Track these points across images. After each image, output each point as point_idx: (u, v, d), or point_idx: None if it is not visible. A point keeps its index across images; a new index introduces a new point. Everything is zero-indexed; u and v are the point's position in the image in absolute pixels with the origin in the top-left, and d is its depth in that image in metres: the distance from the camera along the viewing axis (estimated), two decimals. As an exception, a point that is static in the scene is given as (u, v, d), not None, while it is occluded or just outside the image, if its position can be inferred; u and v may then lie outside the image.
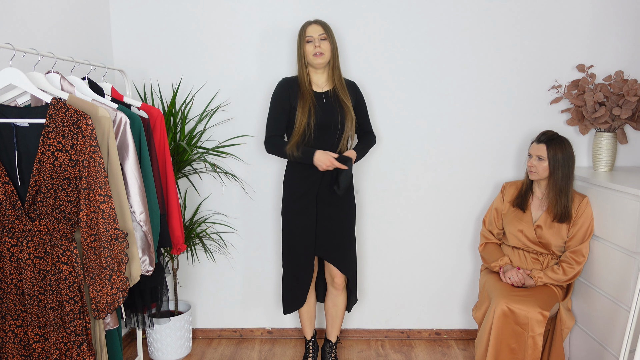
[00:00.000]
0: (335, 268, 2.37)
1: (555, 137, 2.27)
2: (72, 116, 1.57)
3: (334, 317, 2.51)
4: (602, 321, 2.21)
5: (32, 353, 1.64)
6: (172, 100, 2.57)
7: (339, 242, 2.35)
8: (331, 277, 2.42)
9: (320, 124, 2.25)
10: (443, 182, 2.78)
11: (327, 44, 2.25)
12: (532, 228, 2.34)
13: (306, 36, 2.25)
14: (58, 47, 2.23)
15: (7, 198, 1.56)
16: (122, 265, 1.64)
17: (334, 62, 2.30)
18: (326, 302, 2.53)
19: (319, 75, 2.32)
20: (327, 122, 2.27)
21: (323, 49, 2.23)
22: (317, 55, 2.22)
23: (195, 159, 2.60)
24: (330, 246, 2.34)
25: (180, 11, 2.69)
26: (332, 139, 2.29)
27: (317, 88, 2.32)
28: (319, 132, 2.26)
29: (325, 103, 2.29)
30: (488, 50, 2.67)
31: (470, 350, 2.78)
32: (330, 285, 2.46)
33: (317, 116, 2.25)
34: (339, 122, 2.28)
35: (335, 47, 2.29)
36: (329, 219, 2.33)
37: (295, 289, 2.41)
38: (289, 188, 2.36)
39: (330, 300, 2.49)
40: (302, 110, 2.24)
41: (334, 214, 2.34)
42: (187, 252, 2.83)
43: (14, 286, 1.61)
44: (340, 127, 2.29)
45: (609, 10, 2.61)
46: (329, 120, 2.27)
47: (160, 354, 2.65)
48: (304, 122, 2.23)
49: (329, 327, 2.55)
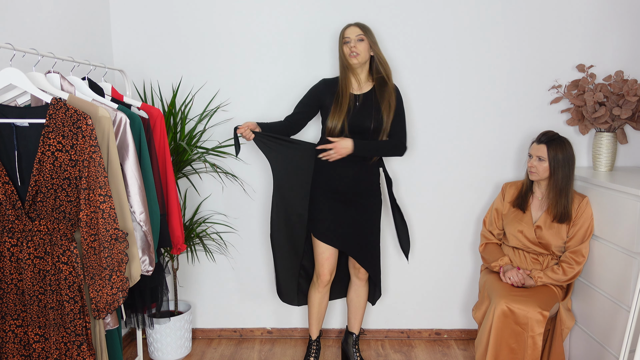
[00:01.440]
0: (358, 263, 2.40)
1: (556, 138, 2.27)
2: (72, 116, 1.57)
3: (357, 307, 2.53)
4: (602, 321, 2.21)
5: (32, 353, 1.64)
6: (172, 100, 2.57)
7: (364, 238, 2.36)
8: (355, 268, 2.44)
9: (350, 127, 2.26)
10: (443, 182, 2.78)
11: (364, 45, 2.26)
12: (532, 228, 2.34)
13: (344, 37, 2.28)
14: (58, 47, 2.23)
15: (7, 198, 1.56)
16: (122, 265, 1.64)
17: (375, 61, 2.30)
18: (349, 294, 2.55)
19: (358, 76, 2.32)
20: (356, 126, 2.27)
21: (359, 50, 2.24)
22: (353, 56, 2.25)
23: (195, 159, 2.60)
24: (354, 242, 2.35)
25: (180, 11, 2.69)
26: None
27: (355, 90, 2.33)
28: (351, 136, 2.26)
29: (358, 106, 2.30)
30: (488, 50, 2.67)
31: (470, 350, 2.78)
32: (354, 277, 2.49)
33: (348, 118, 2.26)
34: (369, 125, 2.27)
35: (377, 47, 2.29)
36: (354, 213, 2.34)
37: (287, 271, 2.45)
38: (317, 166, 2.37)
39: (354, 292, 2.52)
40: (336, 113, 2.26)
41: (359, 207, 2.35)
42: (187, 252, 2.83)
43: (14, 286, 1.61)
44: (373, 131, 2.28)
45: (609, 10, 2.61)
46: (357, 123, 2.27)
47: (160, 354, 2.65)
48: (334, 124, 2.25)
49: (351, 319, 2.58)
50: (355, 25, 2.28)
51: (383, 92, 2.30)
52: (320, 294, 2.46)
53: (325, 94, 2.33)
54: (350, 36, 2.26)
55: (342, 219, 2.33)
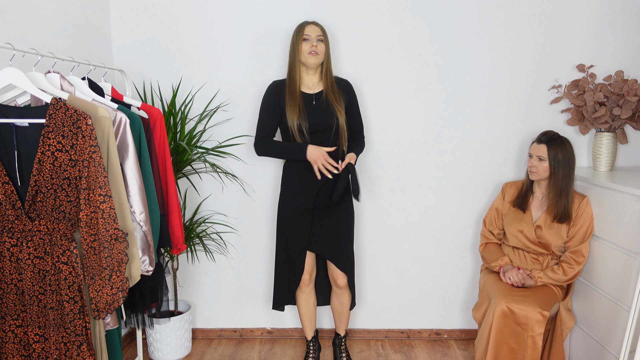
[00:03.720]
0: (336, 269, 2.38)
1: (556, 138, 2.27)
2: (72, 116, 1.57)
3: (340, 314, 2.55)
4: (602, 321, 2.21)
5: (32, 353, 1.64)
6: (172, 100, 2.57)
7: (336, 240, 2.36)
8: (334, 278, 2.43)
9: (312, 127, 2.25)
10: (443, 182, 2.78)
11: (323, 46, 2.26)
12: (532, 228, 2.34)
13: (304, 34, 2.25)
14: (58, 47, 2.23)
15: (7, 198, 1.56)
16: (122, 265, 1.64)
17: (327, 65, 2.30)
18: (332, 301, 2.56)
19: (310, 76, 2.32)
20: (319, 125, 2.26)
21: (319, 50, 2.24)
22: (313, 54, 2.23)
23: (195, 159, 2.60)
24: (326, 244, 2.35)
25: (181, 11, 2.69)
26: (326, 143, 2.28)
27: (307, 89, 2.32)
28: (313, 136, 2.25)
29: (315, 105, 2.29)
30: (488, 50, 2.67)
31: (470, 350, 2.78)
32: (334, 286, 2.48)
33: (309, 117, 2.24)
34: (333, 124, 2.26)
35: (329, 50, 2.30)
36: (327, 217, 2.34)
37: (284, 285, 2.43)
38: (286, 185, 2.37)
39: (336, 299, 2.52)
40: (291, 111, 2.24)
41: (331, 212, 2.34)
42: (187, 252, 2.83)
43: (13, 286, 1.61)
44: (335, 130, 2.28)
45: (609, 10, 2.61)
46: (320, 122, 2.26)
47: (160, 354, 2.65)
48: (295, 123, 2.23)
49: (337, 323, 2.60)
50: (315, 25, 2.27)
51: (335, 90, 2.30)
52: (304, 294, 2.48)
53: (280, 97, 2.30)
54: (310, 34, 2.25)
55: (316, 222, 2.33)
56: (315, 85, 2.33)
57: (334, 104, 2.28)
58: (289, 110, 2.24)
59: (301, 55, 2.26)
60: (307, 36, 2.24)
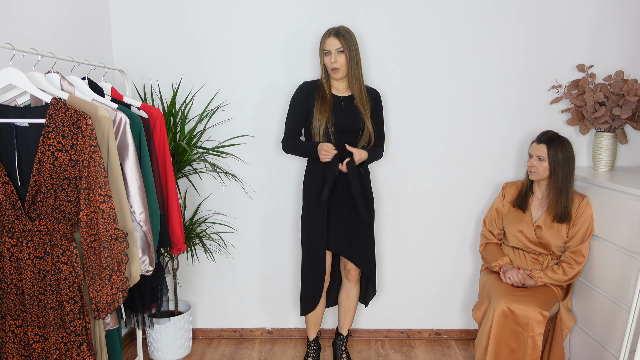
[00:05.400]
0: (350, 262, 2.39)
1: (556, 138, 2.27)
2: (72, 116, 1.57)
3: (346, 309, 2.55)
4: (602, 321, 2.21)
5: (32, 353, 1.64)
6: (172, 100, 2.57)
7: (354, 239, 2.35)
8: (346, 270, 2.44)
9: (338, 128, 2.28)
10: (443, 182, 2.78)
11: (344, 58, 2.26)
12: (532, 228, 2.34)
13: (324, 49, 2.28)
14: (58, 47, 2.23)
15: (7, 198, 1.56)
16: (122, 265, 1.64)
17: (352, 72, 2.30)
18: (340, 295, 2.56)
19: (339, 82, 2.36)
20: (346, 126, 2.29)
21: (339, 64, 2.26)
22: (334, 70, 2.27)
23: (195, 159, 2.60)
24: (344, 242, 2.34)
25: (181, 11, 2.69)
26: (352, 145, 2.29)
27: (336, 92, 2.36)
28: (339, 137, 2.28)
29: (343, 108, 2.33)
30: (488, 50, 2.67)
31: (470, 350, 2.78)
32: (344, 278, 2.49)
33: (335, 118, 2.28)
34: (358, 127, 2.30)
35: (355, 57, 2.28)
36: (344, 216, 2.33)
37: (311, 289, 2.41)
38: (308, 189, 2.38)
39: (344, 293, 2.52)
40: (320, 111, 2.28)
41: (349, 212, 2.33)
42: (187, 252, 2.83)
43: (13, 286, 1.61)
44: (361, 133, 2.31)
45: (609, 10, 2.61)
46: (347, 124, 2.29)
47: (160, 354, 2.65)
48: (323, 123, 2.26)
49: (341, 320, 2.59)
50: (334, 37, 2.25)
51: (362, 97, 2.32)
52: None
53: (310, 97, 2.34)
54: (330, 49, 2.26)
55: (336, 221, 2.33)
56: (345, 90, 2.37)
57: (361, 109, 2.31)
58: (317, 111, 2.29)
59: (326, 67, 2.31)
60: (327, 51, 2.28)
